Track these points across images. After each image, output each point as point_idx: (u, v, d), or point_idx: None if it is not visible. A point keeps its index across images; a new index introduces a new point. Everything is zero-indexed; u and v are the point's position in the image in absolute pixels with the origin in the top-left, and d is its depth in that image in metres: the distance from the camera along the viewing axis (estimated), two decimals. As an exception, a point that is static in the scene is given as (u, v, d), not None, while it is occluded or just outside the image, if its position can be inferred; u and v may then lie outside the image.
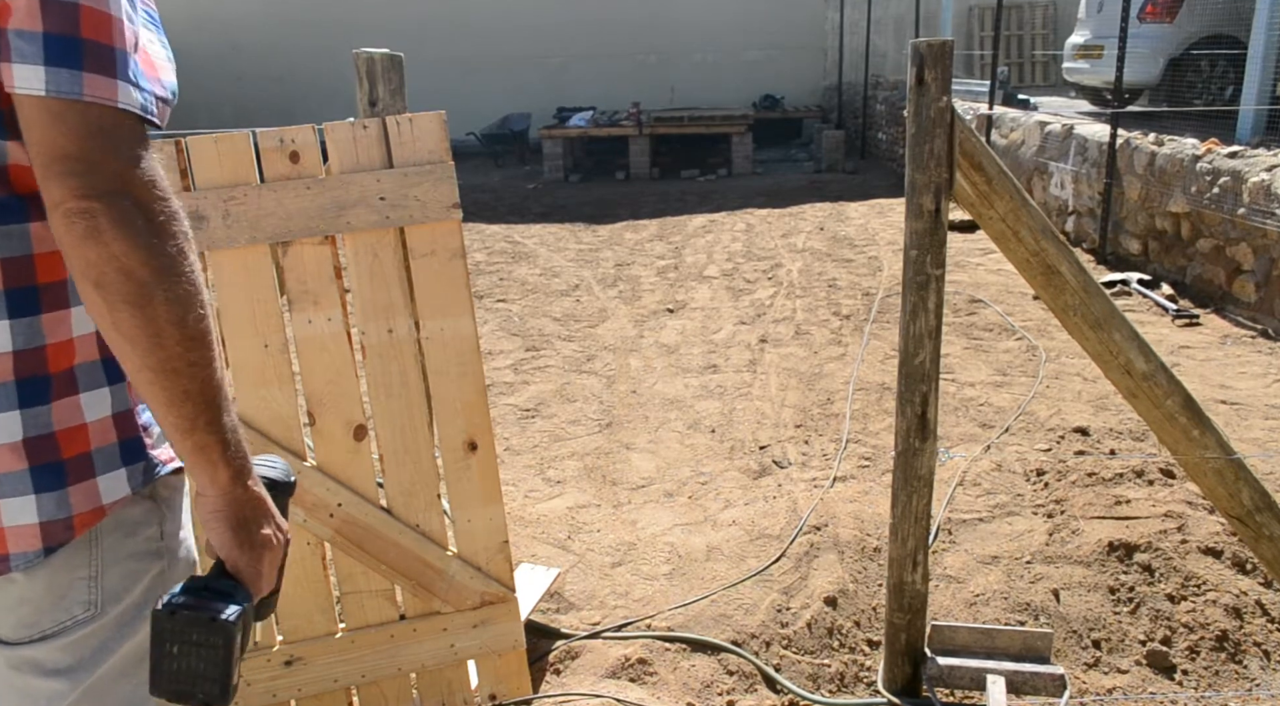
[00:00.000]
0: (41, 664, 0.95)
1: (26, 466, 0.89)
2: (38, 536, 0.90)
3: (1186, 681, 2.21)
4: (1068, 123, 7.50)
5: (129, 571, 0.98)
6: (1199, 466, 1.86)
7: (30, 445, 0.89)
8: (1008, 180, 1.77)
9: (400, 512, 1.93)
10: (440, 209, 1.83)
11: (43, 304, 0.89)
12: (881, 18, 13.01)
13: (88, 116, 0.80)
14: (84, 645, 0.96)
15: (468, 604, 1.99)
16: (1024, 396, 3.99)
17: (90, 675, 0.96)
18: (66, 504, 0.91)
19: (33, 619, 0.94)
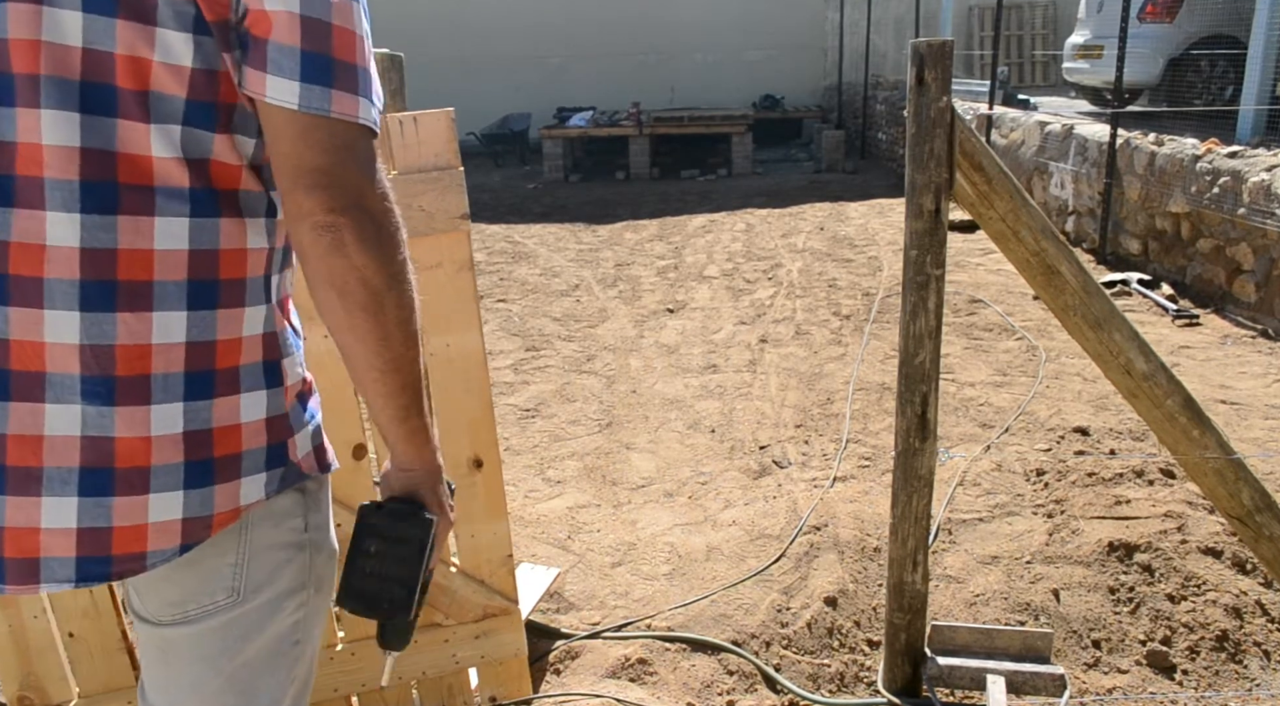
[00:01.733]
0: (184, 647, 0.98)
1: (182, 460, 0.90)
2: (179, 534, 0.91)
3: (1186, 681, 2.21)
4: (1068, 123, 7.50)
5: (273, 560, 1.00)
6: (1199, 466, 1.86)
7: (189, 439, 0.90)
8: (1008, 180, 1.77)
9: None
10: (447, 220, 1.73)
11: (220, 299, 0.91)
12: (881, 18, 13.01)
13: (334, 132, 0.87)
14: (226, 631, 0.98)
15: (470, 617, 1.97)
16: (1024, 396, 3.99)
17: (232, 662, 0.99)
18: (210, 502, 0.92)
19: (178, 599, 0.96)
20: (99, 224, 0.84)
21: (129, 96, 0.84)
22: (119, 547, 0.89)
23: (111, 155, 0.84)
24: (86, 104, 0.83)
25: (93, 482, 0.87)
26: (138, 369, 0.87)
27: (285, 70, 0.85)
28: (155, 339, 0.88)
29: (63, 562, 0.88)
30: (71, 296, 0.85)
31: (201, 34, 0.85)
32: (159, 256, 0.87)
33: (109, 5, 0.83)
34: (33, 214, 0.84)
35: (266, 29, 0.84)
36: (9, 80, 0.83)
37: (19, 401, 0.86)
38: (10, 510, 0.87)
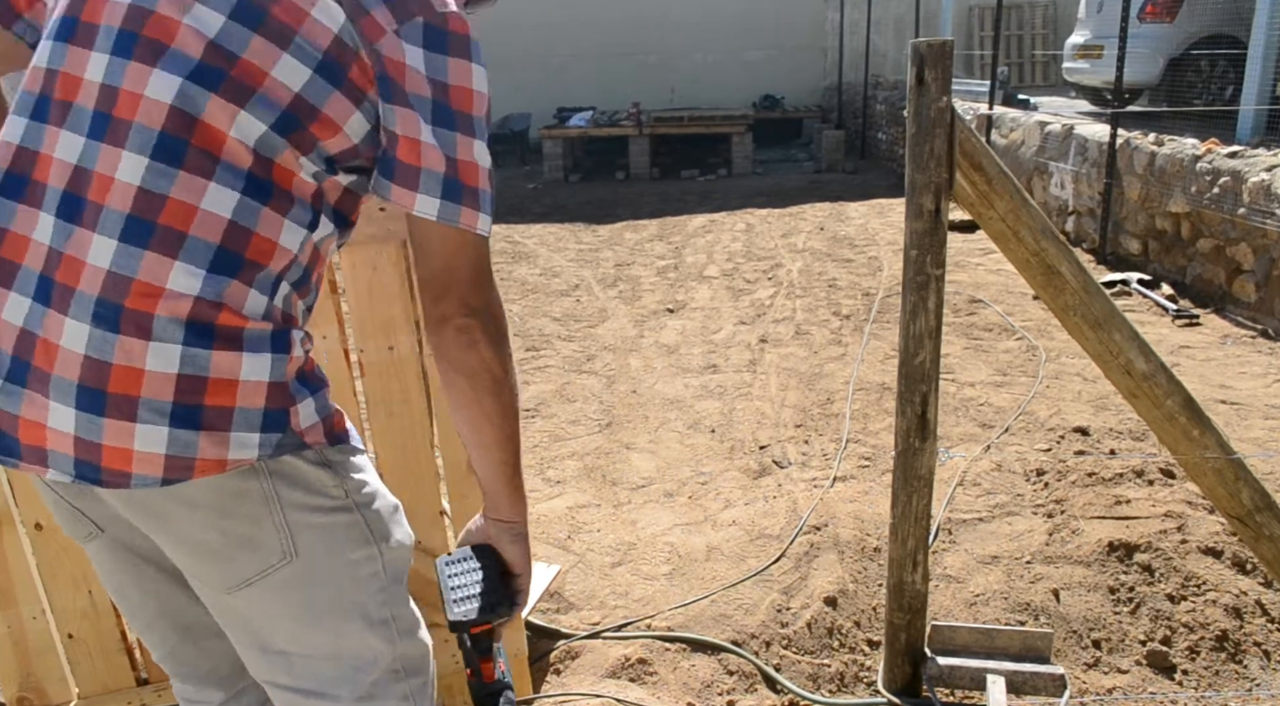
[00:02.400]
0: (258, 607, 1.09)
1: (171, 400, 0.97)
2: (160, 466, 0.98)
3: (1186, 681, 2.21)
4: (1068, 123, 7.50)
5: (319, 523, 1.08)
6: (1199, 466, 1.86)
7: (181, 381, 0.97)
8: (1008, 180, 1.77)
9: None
10: None
11: (239, 273, 0.99)
12: (881, 18, 13.01)
13: (463, 242, 1.06)
14: (293, 585, 1.08)
15: None
16: (1024, 396, 3.99)
17: (310, 610, 1.10)
18: (194, 446, 0.98)
19: (237, 573, 1.06)
20: (161, 171, 0.96)
21: (235, 82, 0.98)
22: (107, 461, 0.98)
23: (194, 119, 0.97)
24: (194, 76, 0.97)
25: (88, 399, 0.96)
26: (144, 305, 0.96)
27: (431, 190, 1.03)
28: (169, 284, 0.96)
29: (64, 458, 0.98)
30: (117, 226, 0.96)
31: (326, 79, 1.00)
32: (200, 215, 0.97)
33: (254, 18, 0.98)
34: (114, 150, 0.97)
35: (415, 156, 1.03)
36: (134, 38, 0.98)
37: (53, 309, 0.97)
38: (25, 403, 0.98)
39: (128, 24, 0.98)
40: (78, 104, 0.99)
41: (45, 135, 1.00)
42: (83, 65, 0.99)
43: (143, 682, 1.89)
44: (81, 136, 0.98)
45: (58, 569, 1.76)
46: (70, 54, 1.00)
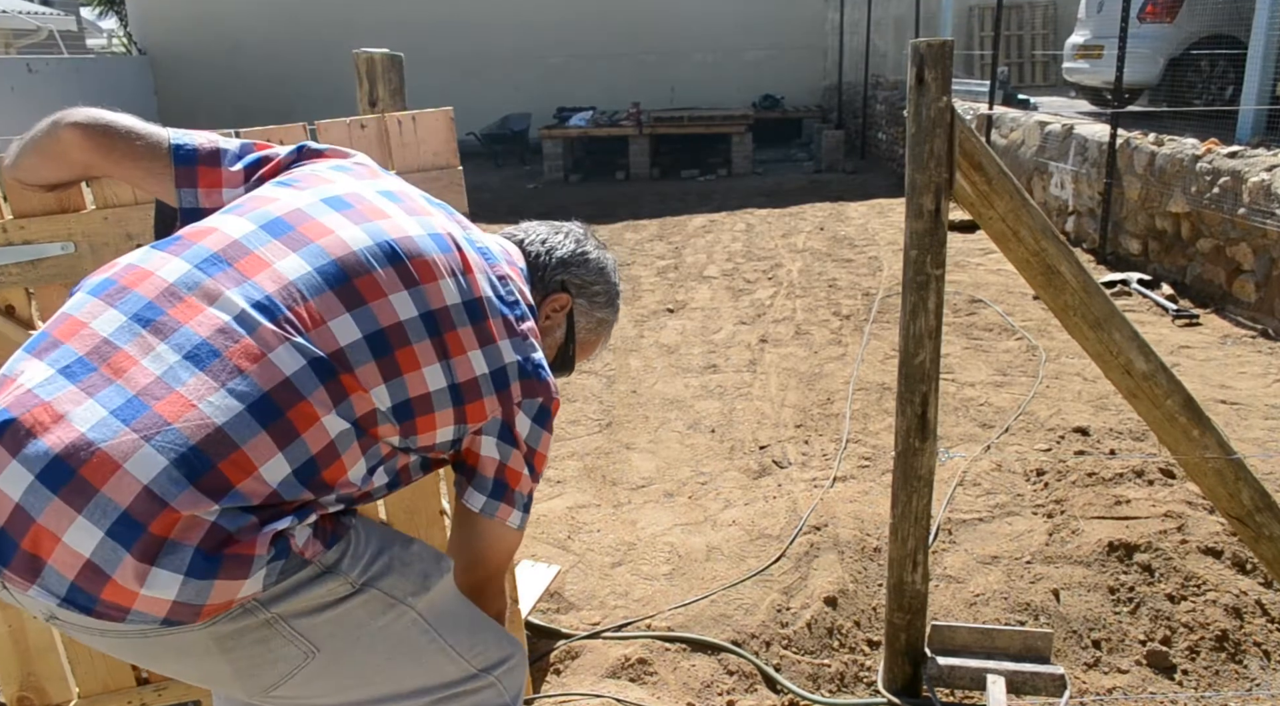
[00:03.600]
0: (303, 691, 1.12)
1: (195, 545, 0.96)
2: (165, 610, 0.97)
3: (1186, 681, 2.21)
4: (1068, 123, 7.49)
5: (333, 617, 1.11)
6: (1199, 466, 1.86)
7: (213, 530, 0.97)
8: (1008, 180, 1.77)
9: (401, 530, 1.89)
10: None
11: (309, 483, 1.05)
12: (881, 18, 13.01)
13: (493, 526, 1.28)
14: (325, 672, 1.12)
15: None
16: (1024, 396, 3.99)
17: (347, 682, 1.15)
18: (206, 594, 0.97)
19: (267, 684, 1.09)
20: (309, 377, 1.06)
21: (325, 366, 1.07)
22: (108, 595, 0.95)
23: (348, 373, 1.09)
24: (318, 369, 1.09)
25: (124, 530, 0.94)
26: (232, 477, 0.99)
27: (480, 489, 1.26)
28: (262, 468, 1.00)
29: (60, 579, 0.95)
30: (249, 397, 1.02)
31: (454, 398, 1.18)
32: (316, 426, 1.06)
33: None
34: (276, 333, 1.04)
35: (475, 463, 1.25)
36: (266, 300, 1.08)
37: (131, 430, 0.96)
38: (50, 510, 0.94)
39: (343, 263, 1.12)
40: (255, 283, 1.08)
41: (202, 284, 1.08)
42: (278, 258, 1.10)
43: (143, 682, 1.89)
44: (249, 307, 1.06)
45: None
46: (276, 247, 1.11)
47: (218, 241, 1.11)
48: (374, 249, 1.13)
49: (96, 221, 1.62)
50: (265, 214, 1.14)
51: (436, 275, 1.16)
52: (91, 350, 1.01)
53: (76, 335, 1.03)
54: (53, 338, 1.04)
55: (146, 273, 1.08)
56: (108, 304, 1.05)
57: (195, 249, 1.10)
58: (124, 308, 1.05)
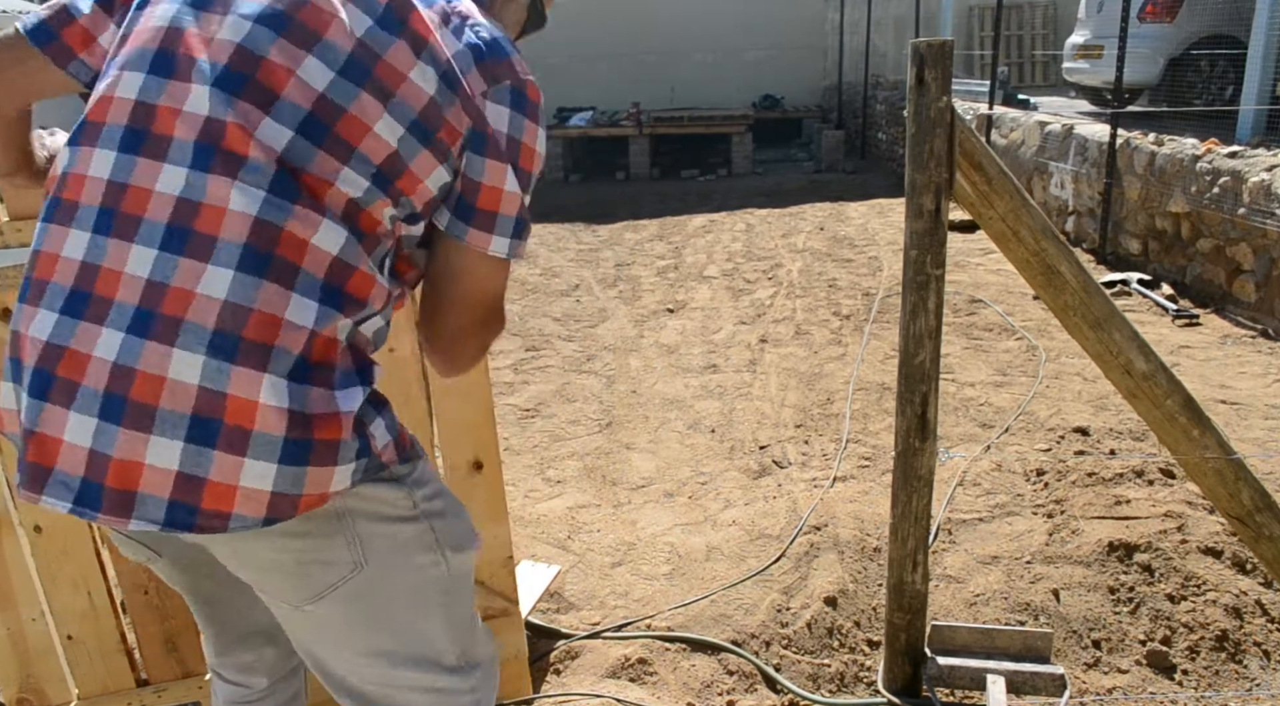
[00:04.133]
0: (332, 616, 1.11)
1: (283, 435, 0.96)
2: (264, 505, 0.97)
3: (1186, 681, 2.21)
4: (1068, 123, 7.50)
5: (390, 533, 1.10)
6: (1199, 466, 1.86)
7: (293, 416, 0.97)
8: (1008, 180, 1.77)
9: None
10: None
11: (343, 308, 1.02)
12: (881, 18, 13.01)
13: (504, 266, 1.16)
14: (362, 594, 1.10)
15: None
16: (1024, 396, 3.99)
17: (376, 616, 1.13)
18: (301, 482, 0.98)
19: (310, 588, 1.08)
20: (277, 205, 0.98)
21: (338, 138, 1.02)
22: (208, 502, 0.96)
23: (300, 170, 1.01)
24: (303, 128, 1.01)
25: (200, 431, 0.95)
26: (264, 337, 0.97)
27: (504, 232, 1.13)
28: (285, 315, 0.98)
29: (157, 502, 0.95)
30: (233, 257, 0.97)
31: (417, 138, 1.05)
32: (311, 249, 1.00)
33: (360, 75, 1.03)
34: (224, 182, 0.98)
35: (498, 205, 1.11)
36: (244, 78, 1.01)
37: (153, 342, 0.96)
38: (121, 441, 0.95)
39: (236, 65, 1.01)
40: (178, 138, 1.00)
41: (137, 168, 1.00)
42: (182, 99, 1.00)
43: (142, 683, 1.89)
44: (184, 169, 0.99)
45: (57, 571, 1.76)
46: (170, 88, 1.01)
47: (121, 112, 1.03)
48: (253, 29, 1.02)
49: None
50: (143, 56, 1.04)
51: (330, 10, 1.04)
52: (77, 279, 0.99)
53: (56, 271, 1.00)
54: (36, 279, 1.02)
55: (80, 178, 1.03)
56: (65, 226, 1.02)
57: (107, 130, 1.03)
58: (81, 224, 1.01)
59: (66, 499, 0.96)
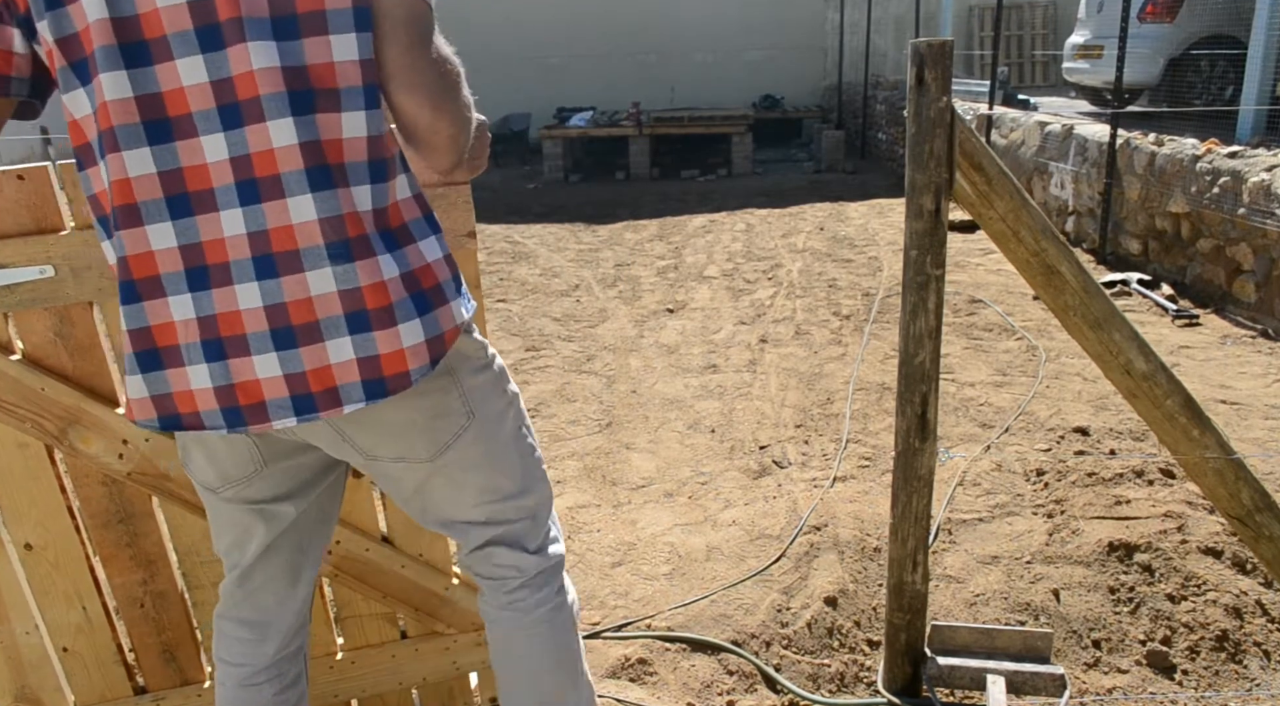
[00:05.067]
0: (456, 464, 1.33)
1: (408, 294, 1.17)
2: (427, 352, 1.19)
3: (1186, 681, 2.21)
4: (1068, 123, 7.50)
5: (484, 383, 1.34)
6: (1199, 466, 1.86)
7: (405, 279, 1.17)
8: (1008, 180, 1.77)
9: (402, 544, 1.86)
10: (453, 238, 1.67)
11: (388, 173, 1.17)
12: (881, 18, 13.01)
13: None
14: (477, 440, 1.33)
15: (471, 626, 1.95)
16: (1024, 396, 3.99)
17: (490, 458, 1.36)
18: (438, 323, 1.20)
19: (438, 441, 1.30)
20: (308, 123, 1.09)
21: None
22: (387, 369, 1.16)
23: (304, 67, 1.09)
24: (278, 31, 1.08)
25: (356, 323, 1.14)
26: (359, 230, 1.13)
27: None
28: (358, 206, 1.13)
29: (353, 386, 1.16)
30: (302, 183, 1.10)
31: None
32: (347, 142, 1.12)
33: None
34: (259, 127, 1.08)
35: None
36: (216, 29, 1.07)
37: (286, 275, 1.12)
38: (306, 357, 1.15)
39: (201, 20, 1.07)
40: (197, 112, 1.08)
41: (180, 151, 1.10)
42: (176, 77, 1.08)
43: (140, 691, 1.88)
44: (220, 134, 1.09)
45: (50, 586, 1.75)
46: (158, 74, 1.08)
47: (128, 113, 1.08)
48: None
49: (76, 243, 1.54)
50: (109, 54, 1.06)
51: None
52: (185, 261, 1.12)
53: (159, 263, 1.13)
54: (141, 279, 1.14)
55: (126, 182, 1.10)
56: (139, 226, 1.12)
57: (125, 133, 1.08)
58: (154, 218, 1.11)
59: (289, 416, 1.17)
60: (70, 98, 1.11)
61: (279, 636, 1.47)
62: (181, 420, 1.18)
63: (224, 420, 1.17)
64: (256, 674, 1.46)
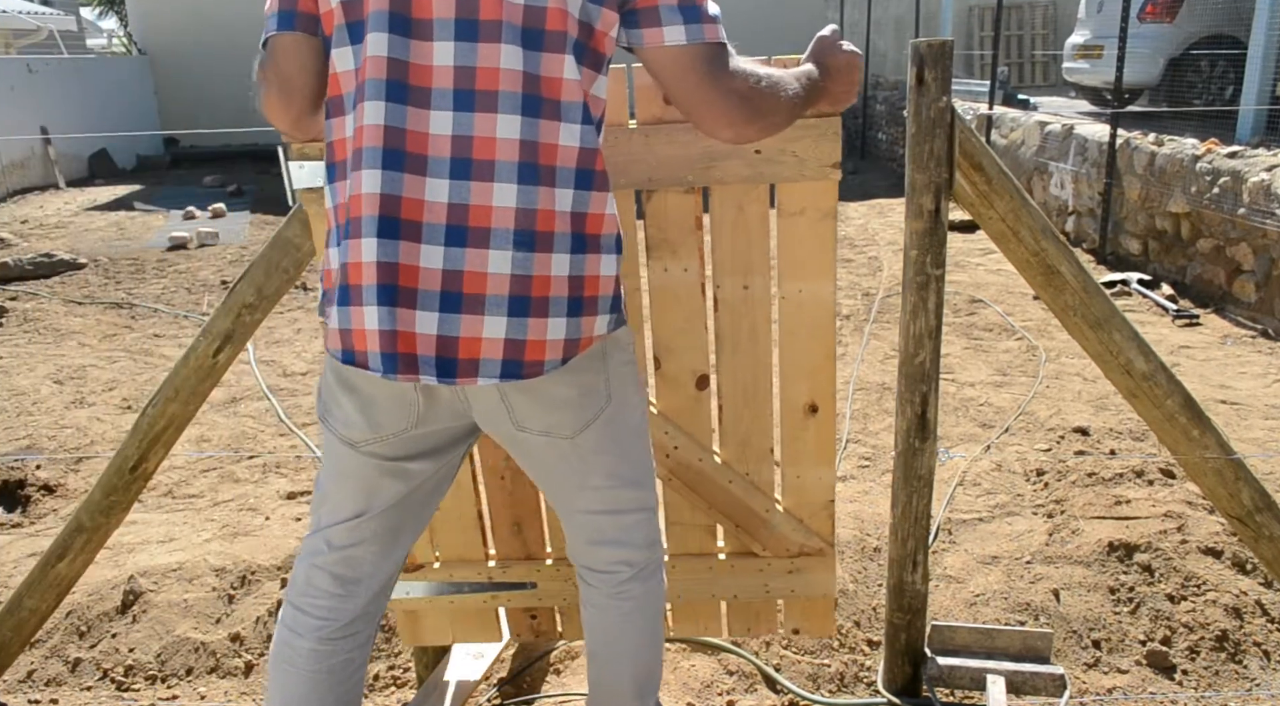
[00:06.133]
0: (593, 443, 1.41)
1: (566, 296, 1.27)
2: (561, 350, 1.28)
3: (1186, 681, 2.21)
4: (1068, 123, 7.50)
5: (624, 372, 1.43)
6: (1199, 466, 1.86)
7: (571, 281, 1.27)
8: (1008, 180, 1.77)
9: (733, 461, 1.94)
10: (819, 167, 1.71)
11: (593, 184, 1.28)
12: (881, 18, 13.01)
13: (710, 54, 1.29)
14: (611, 422, 1.41)
15: (785, 552, 2.00)
16: (1024, 396, 3.99)
17: (619, 442, 1.44)
18: (579, 329, 1.29)
19: (583, 417, 1.38)
20: (532, 124, 1.22)
21: (551, 35, 1.22)
22: (528, 355, 1.26)
23: (537, 78, 1.22)
24: (525, 41, 1.21)
25: (517, 306, 1.24)
26: (549, 227, 1.24)
27: (672, 21, 1.26)
28: (557, 206, 1.24)
29: (493, 363, 1.25)
30: (512, 172, 1.21)
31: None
32: (561, 148, 1.24)
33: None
34: (487, 116, 1.20)
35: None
36: (476, 24, 1.20)
37: (473, 248, 1.22)
38: (464, 324, 1.23)
39: (462, 16, 1.20)
40: (436, 88, 1.20)
41: (408, 116, 1.20)
42: (429, 55, 1.20)
43: (489, 558, 2.07)
44: (449, 112, 1.20)
45: None
46: (413, 47, 1.20)
47: (378, 70, 1.20)
48: None
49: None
50: (379, 18, 1.20)
51: None
52: (384, 207, 1.21)
53: (362, 206, 1.22)
54: (349, 220, 1.24)
55: (360, 128, 1.22)
56: (357, 169, 1.22)
57: (371, 86, 1.20)
58: (369, 162, 1.21)
59: (431, 374, 1.25)
60: (339, 53, 1.25)
61: (367, 595, 1.48)
62: (355, 357, 1.27)
63: (382, 363, 1.24)
64: (336, 630, 1.47)
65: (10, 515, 3.29)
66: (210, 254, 7.91)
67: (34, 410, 4.20)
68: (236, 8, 15.59)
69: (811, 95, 1.43)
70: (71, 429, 3.95)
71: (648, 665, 1.60)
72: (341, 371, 1.36)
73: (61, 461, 3.63)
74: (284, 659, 1.47)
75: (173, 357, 5.00)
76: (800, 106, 1.39)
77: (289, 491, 3.32)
